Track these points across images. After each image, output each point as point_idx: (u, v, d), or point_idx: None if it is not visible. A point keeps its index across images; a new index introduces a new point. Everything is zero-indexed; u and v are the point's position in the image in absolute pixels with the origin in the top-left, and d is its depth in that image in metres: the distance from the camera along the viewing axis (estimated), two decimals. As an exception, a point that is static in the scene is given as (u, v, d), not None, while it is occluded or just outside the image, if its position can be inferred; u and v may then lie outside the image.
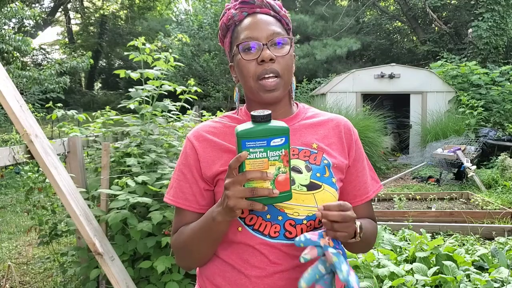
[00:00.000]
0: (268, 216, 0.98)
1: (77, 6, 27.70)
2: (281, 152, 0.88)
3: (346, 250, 0.97)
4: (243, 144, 0.87)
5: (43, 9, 23.81)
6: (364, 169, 1.13)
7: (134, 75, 2.83)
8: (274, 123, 0.89)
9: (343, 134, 1.10)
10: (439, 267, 2.82)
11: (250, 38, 1.01)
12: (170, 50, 12.58)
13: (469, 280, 2.73)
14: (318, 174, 1.01)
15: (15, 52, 9.31)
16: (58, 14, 26.99)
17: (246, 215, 0.99)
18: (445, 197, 6.25)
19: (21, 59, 11.04)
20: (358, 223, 0.97)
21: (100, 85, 30.96)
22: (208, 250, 1.01)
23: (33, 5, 20.39)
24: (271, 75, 1.00)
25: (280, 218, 0.97)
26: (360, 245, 1.07)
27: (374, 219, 1.17)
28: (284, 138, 0.88)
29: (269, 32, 1.01)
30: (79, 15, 29.02)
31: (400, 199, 5.72)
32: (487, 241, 4.20)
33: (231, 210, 0.87)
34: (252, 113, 0.88)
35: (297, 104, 1.16)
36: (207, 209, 1.03)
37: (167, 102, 2.93)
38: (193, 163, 1.06)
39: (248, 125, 0.89)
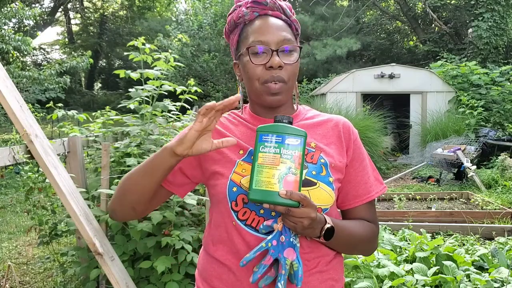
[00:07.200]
0: (262, 211, 0.99)
1: (77, 6, 27.69)
2: (295, 153, 0.90)
3: (296, 240, 0.95)
4: (260, 137, 0.91)
5: (43, 9, 23.80)
6: (365, 169, 1.11)
7: (134, 75, 2.83)
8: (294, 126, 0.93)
9: (342, 133, 1.09)
10: (439, 267, 2.82)
11: (260, 42, 1.01)
12: (170, 51, 12.57)
13: (469, 280, 2.73)
14: (314, 172, 1.01)
15: (15, 52, 9.31)
16: (58, 14, 26.99)
17: (240, 209, 0.99)
18: (445, 197, 6.25)
19: (21, 59, 11.03)
20: (328, 225, 0.95)
21: (100, 85, 30.98)
22: (137, 180, 1.01)
23: (33, 5, 20.37)
24: (277, 81, 1.01)
25: (273, 213, 0.98)
26: (339, 247, 1.05)
27: (375, 221, 1.12)
28: (299, 140, 0.91)
29: (280, 38, 1.01)
30: (79, 15, 29.01)
31: (400, 199, 5.72)
32: (487, 241, 4.20)
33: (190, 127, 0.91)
34: (275, 116, 0.94)
35: (298, 106, 1.16)
36: (168, 186, 1.08)
37: (167, 102, 2.93)
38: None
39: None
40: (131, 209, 1.05)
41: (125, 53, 3.13)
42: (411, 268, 2.78)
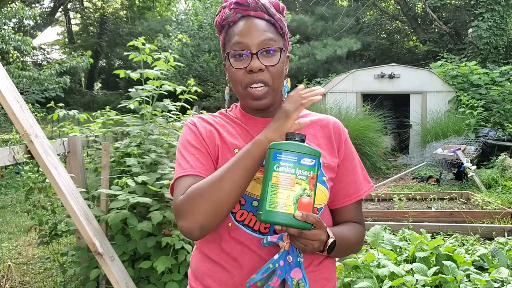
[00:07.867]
0: None
1: (77, 6, 27.68)
2: (309, 174, 0.88)
3: (301, 257, 0.95)
4: (274, 155, 0.87)
5: (43, 9, 23.78)
6: (355, 169, 1.12)
7: (134, 75, 2.83)
8: (308, 144, 0.91)
9: (332, 133, 1.11)
10: (439, 267, 2.81)
11: (241, 44, 1.01)
12: (170, 51, 12.55)
13: (469, 280, 2.73)
14: None
15: (15, 52, 9.31)
16: (58, 14, 26.97)
17: (237, 210, 1.00)
18: (445, 197, 6.25)
19: (21, 59, 11.03)
20: (331, 240, 0.96)
21: (100, 85, 30.94)
22: (237, 182, 0.92)
23: (33, 5, 20.36)
24: (259, 84, 1.01)
25: None
26: (335, 254, 1.05)
27: (362, 222, 1.14)
28: (314, 161, 0.88)
29: (260, 39, 1.01)
30: (79, 15, 29.00)
31: (400, 199, 5.72)
32: (487, 241, 4.20)
33: (287, 115, 0.93)
34: (288, 133, 0.92)
35: None
36: None
37: (167, 102, 2.93)
38: (202, 138, 1.05)
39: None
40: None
41: (125, 53, 3.13)
42: (411, 268, 2.77)
